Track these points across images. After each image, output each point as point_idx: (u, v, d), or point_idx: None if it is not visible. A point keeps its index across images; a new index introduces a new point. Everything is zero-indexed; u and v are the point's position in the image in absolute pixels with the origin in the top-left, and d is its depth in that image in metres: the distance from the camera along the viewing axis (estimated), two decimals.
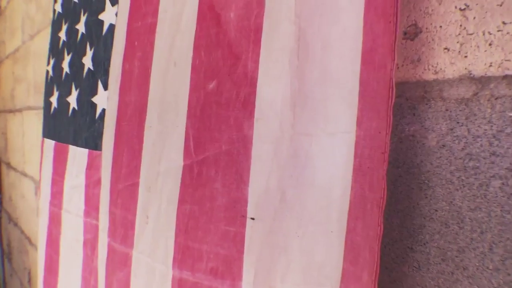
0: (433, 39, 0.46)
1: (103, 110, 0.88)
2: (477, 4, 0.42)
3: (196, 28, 0.57)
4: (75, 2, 1.06)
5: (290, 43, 0.47)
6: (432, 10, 0.46)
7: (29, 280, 2.20)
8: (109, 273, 0.76)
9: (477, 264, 0.42)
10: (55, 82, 1.14)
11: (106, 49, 0.89)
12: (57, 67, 1.14)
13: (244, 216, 0.50)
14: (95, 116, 0.91)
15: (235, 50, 0.51)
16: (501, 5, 0.40)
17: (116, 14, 0.86)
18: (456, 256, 0.44)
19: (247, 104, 0.50)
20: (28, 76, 2.03)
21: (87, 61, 0.96)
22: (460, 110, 0.43)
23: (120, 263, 0.72)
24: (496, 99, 0.41)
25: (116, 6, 0.87)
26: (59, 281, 1.05)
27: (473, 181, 0.42)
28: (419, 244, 0.48)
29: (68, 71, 1.06)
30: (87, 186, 0.92)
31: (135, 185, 0.68)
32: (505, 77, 0.40)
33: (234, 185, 0.51)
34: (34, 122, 1.93)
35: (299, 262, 0.47)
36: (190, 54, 0.57)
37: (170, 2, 0.63)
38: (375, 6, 0.43)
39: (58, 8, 1.19)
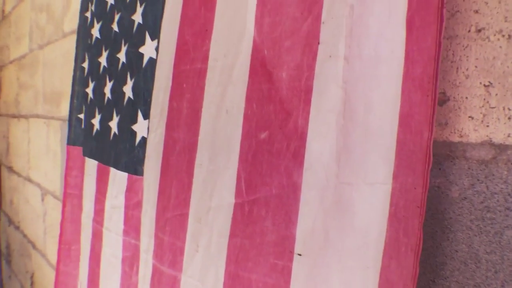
0: (459, 108, 0.59)
1: (143, 138, 1.02)
2: (499, 82, 0.55)
3: (248, 81, 0.70)
4: (115, 31, 1.19)
5: (337, 105, 0.60)
6: (459, 82, 0.59)
7: (32, 284, 2.34)
8: None
9: None
10: (97, 105, 1.27)
11: (146, 81, 1.02)
12: (98, 91, 1.27)
13: (291, 252, 0.64)
14: (134, 143, 1.05)
15: (286, 107, 0.64)
16: None
17: (156, 49, 0.99)
18: None
19: (297, 156, 0.63)
20: (36, 84, 2.17)
21: (128, 90, 1.09)
22: (481, 170, 0.56)
23: (167, 284, 0.85)
24: None
25: (156, 41, 1.00)
26: None
27: (490, 230, 0.55)
28: (440, 278, 0.61)
29: (110, 97, 1.19)
30: (126, 207, 1.06)
31: (185, 215, 0.81)
32: None
33: (283, 224, 0.64)
34: (42, 131, 2.07)
35: None
36: (243, 104, 0.70)
37: (221, 53, 0.76)
38: (413, 78, 0.56)
39: (96, 33, 1.32)
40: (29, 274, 2.51)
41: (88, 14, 1.50)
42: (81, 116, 1.50)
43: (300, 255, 0.63)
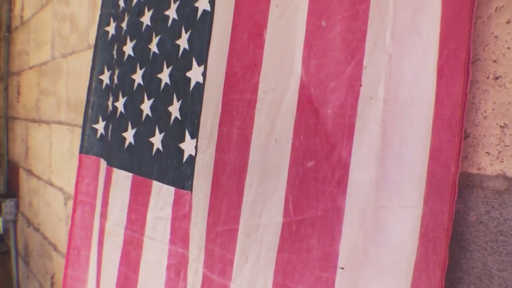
0: (478, 144, 0.73)
1: (190, 156, 1.17)
2: None
3: (296, 115, 0.85)
4: (155, 52, 1.35)
5: (377, 140, 0.75)
6: (478, 122, 0.73)
7: (52, 284, 2.52)
8: None
9: None
10: (129, 119, 1.43)
11: (193, 103, 1.17)
12: (132, 107, 1.42)
13: (335, 266, 0.79)
14: (182, 160, 1.20)
15: (331, 140, 0.80)
16: None
17: (203, 75, 1.14)
18: None
19: (341, 183, 0.78)
20: (59, 91, 2.33)
21: (174, 110, 1.24)
22: (495, 199, 0.71)
23: None
24: None
25: (202, 67, 1.16)
26: None
27: (502, 250, 0.70)
28: None
29: (149, 114, 1.35)
30: (173, 219, 1.22)
31: (234, 230, 0.97)
32: None
33: (327, 242, 0.80)
34: (66, 137, 2.24)
35: None
36: (291, 135, 0.86)
37: (269, 87, 0.92)
38: (442, 119, 0.71)
39: (129, 50, 1.47)
40: (49, 275, 2.71)
41: (110, 29, 1.66)
42: (97, 126, 1.66)
43: (342, 268, 0.78)
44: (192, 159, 1.18)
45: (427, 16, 0.72)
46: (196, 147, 1.16)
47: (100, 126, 1.63)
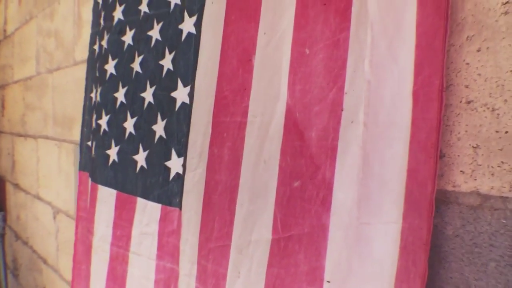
0: (452, 163, 0.79)
1: (177, 174, 1.22)
2: (485, 145, 0.76)
3: (283, 138, 0.91)
4: (138, 71, 1.39)
5: (358, 161, 0.81)
6: (453, 143, 0.79)
7: None
8: None
9: None
10: (113, 137, 1.47)
11: (179, 123, 1.22)
12: (115, 124, 1.47)
13: (322, 280, 0.84)
14: (168, 178, 1.25)
15: (316, 161, 0.85)
16: (501, 150, 0.74)
17: (189, 96, 1.19)
18: None
19: (325, 202, 0.84)
20: (45, 106, 2.37)
21: (159, 129, 1.29)
22: (470, 213, 0.77)
23: None
24: (495, 210, 0.75)
25: (188, 87, 1.20)
26: None
27: (477, 261, 0.76)
28: None
29: (133, 132, 1.39)
30: (160, 235, 1.26)
31: (227, 247, 1.02)
32: (501, 197, 0.74)
33: (314, 257, 0.85)
34: (53, 152, 2.27)
35: None
36: (278, 157, 0.91)
37: (258, 111, 0.97)
38: (419, 141, 0.77)
39: (111, 69, 1.52)
40: None
41: (96, 48, 1.70)
42: (90, 143, 1.70)
43: (329, 282, 0.84)
44: (179, 177, 1.22)
45: (402, 45, 0.78)
46: (184, 166, 1.20)
47: (91, 144, 1.67)
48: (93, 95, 1.67)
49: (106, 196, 1.48)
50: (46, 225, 2.58)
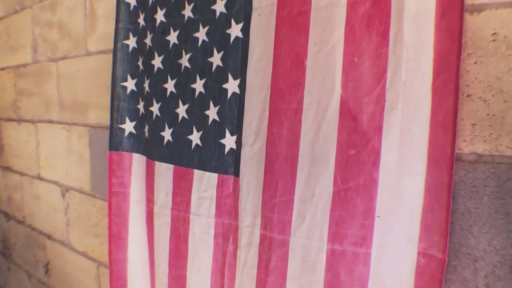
0: (458, 135, 1.26)
1: (231, 149, 1.63)
2: (479, 123, 1.23)
3: (339, 120, 1.33)
4: (187, 67, 1.77)
5: (397, 136, 1.26)
6: (458, 122, 1.26)
7: (47, 271, 2.88)
8: (263, 251, 1.53)
9: None
10: (166, 121, 1.84)
11: (231, 109, 1.62)
12: (167, 111, 1.84)
13: (373, 215, 1.29)
14: (224, 152, 1.66)
15: (367, 136, 1.29)
16: (490, 126, 1.22)
17: (240, 87, 1.60)
18: None
19: (375, 163, 1.28)
20: (46, 92, 2.66)
21: (212, 114, 1.68)
22: (470, 166, 1.24)
23: (278, 245, 1.48)
24: (486, 163, 1.22)
25: (238, 80, 1.61)
26: (188, 262, 1.80)
27: (475, 196, 1.21)
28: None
29: (185, 116, 1.77)
30: (218, 198, 1.68)
31: (290, 200, 1.44)
32: (490, 155, 1.22)
33: (367, 201, 1.30)
34: (61, 135, 2.58)
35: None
36: (336, 133, 1.34)
37: (314, 100, 1.39)
38: (437, 120, 1.23)
39: (158, 64, 1.88)
40: (41, 263, 3.04)
41: (130, 43, 2.05)
42: (124, 126, 2.06)
43: (378, 216, 1.29)
44: (233, 151, 1.63)
45: (425, 58, 1.21)
46: (237, 142, 1.61)
47: (127, 126, 2.03)
48: (127, 84, 2.02)
49: (164, 170, 1.86)
50: (51, 203, 2.87)
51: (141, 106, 1.98)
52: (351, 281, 1.34)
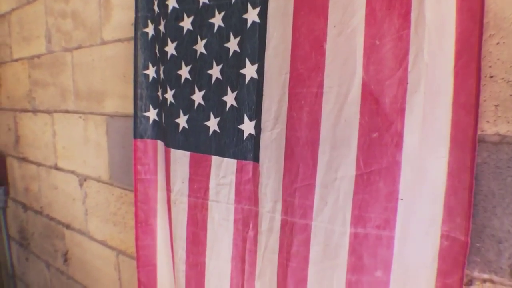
0: (481, 116, 1.26)
1: (250, 134, 1.64)
2: (503, 104, 1.23)
3: (361, 103, 1.34)
4: (202, 53, 1.78)
5: (419, 117, 1.26)
6: (481, 103, 1.26)
7: (66, 260, 2.93)
8: (284, 236, 1.55)
9: None
10: (181, 108, 1.86)
11: (249, 94, 1.63)
12: (182, 97, 1.85)
13: (397, 198, 1.30)
14: (242, 137, 1.67)
15: (389, 119, 1.30)
16: None
17: (258, 72, 1.60)
18: None
19: (398, 146, 1.29)
20: (62, 82, 2.69)
21: (229, 99, 1.69)
22: (493, 147, 1.24)
23: (299, 230, 1.50)
24: (509, 144, 1.23)
25: (256, 65, 1.61)
26: (207, 248, 1.82)
27: (499, 177, 1.21)
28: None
29: (202, 103, 1.78)
30: (238, 184, 1.69)
31: (311, 185, 1.45)
32: None
33: (391, 183, 1.30)
34: (77, 124, 2.62)
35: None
36: (358, 116, 1.34)
37: (335, 83, 1.39)
38: (459, 103, 1.23)
39: (171, 50, 1.89)
40: (59, 252, 3.10)
41: (150, 31, 2.06)
42: (148, 114, 2.08)
43: (402, 199, 1.30)
44: (252, 136, 1.64)
45: (447, 40, 1.21)
46: (256, 127, 1.62)
47: (151, 114, 2.05)
48: (148, 72, 2.03)
49: (180, 157, 1.87)
50: (69, 192, 2.91)
51: (160, 93, 2.00)
52: (375, 264, 1.35)
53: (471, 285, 1.28)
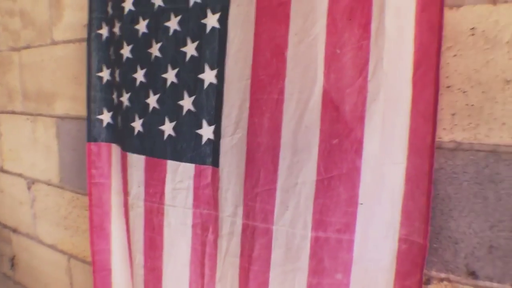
0: (438, 124, 1.29)
1: (208, 139, 1.62)
2: (458, 113, 1.26)
3: (322, 110, 1.34)
4: (157, 56, 1.73)
5: (379, 125, 1.28)
6: (438, 112, 1.29)
7: (13, 265, 2.80)
8: (246, 240, 1.53)
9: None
10: (136, 111, 1.81)
11: (208, 99, 1.61)
12: (137, 101, 1.80)
13: (356, 203, 1.31)
14: (201, 142, 1.64)
15: (349, 126, 1.31)
16: (469, 115, 1.25)
17: (217, 77, 1.58)
18: None
19: (358, 152, 1.30)
20: (9, 82, 2.58)
21: (186, 104, 1.65)
22: (449, 154, 1.27)
23: (260, 233, 1.48)
24: (465, 151, 1.26)
25: (215, 71, 1.59)
26: (164, 253, 1.77)
27: (455, 182, 1.25)
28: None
29: (156, 106, 1.74)
30: (196, 188, 1.66)
31: (273, 189, 1.44)
32: (469, 143, 1.25)
33: (351, 189, 1.31)
34: (25, 126, 2.51)
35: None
36: (318, 123, 1.35)
37: (295, 90, 1.39)
38: (418, 110, 1.25)
39: (127, 53, 1.83)
40: (6, 257, 2.95)
41: (103, 32, 1.99)
42: (102, 117, 2.01)
43: (361, 204, 1.31)
44: (211, 141, 1.62)
45: (406, 50, 1.24)
46: (215, 132, 1.60)
47: (105, 117, 1.97)
48: (102, 74, 1.96)
49: (135, 161, 1.82)
50: (16, 195, 2.78)
51: (115, 96, 1.93)
52: (335, 267, 1.36)
53: (429, 284, 1.31)
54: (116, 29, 1.89)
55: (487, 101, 1.19)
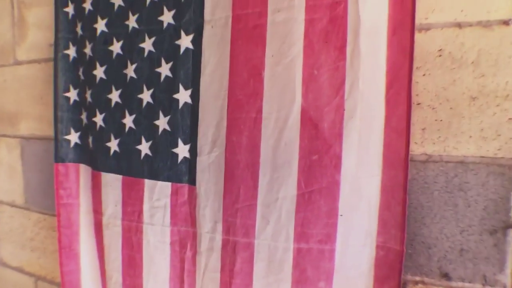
0: (410, 139, 1.37)
1: (184, 157, 1.64)
2: (428, 127, 1.34)
3: (301, 128, 1.39)
4: (132, 77, 1.74)
5: (355, 141, 1.34)
6: (410, 127, 1.37)
7: None
8: (226, 255, 1.55)
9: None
10: (111, 131, 1.80)
11: (183, 118, 1.63)
12: (112, 121, 1.80)
13: (337, 214, 1.37)
14: (177, 161, 1.66)
15: (328, 142, 1.36)
16: (438, 130, 1.33)
17: (192, 97, 1.61)
18: None
19: (337, 167, 1.36)
20: None
21: (162, 124, 1.67)
22: (421, 165, 1.35)
23: (242, 248, 1.51)
24: (435, 162, 1.34)
25: (189, 91, 1.62)
26: (144, 270, 1.77)
27: (427, 191, 1.33)
28: None
29: (132, 126, 1.74)
30: (173, 206, 1.67)
31: (253, 205, 1.48)
32: (439, 155, 1.33)
33: (331, 201, 1.37)
34: None
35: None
36: (298, 140, 1.40)
37: (274, 109, 1.43)
38: (391, 126, 1.32)
39: (100, 74, 1.83)
40: None
41: (71, 52, 1.98)
42: (69, 137, 1.99)
43: (341, 215, 1.37)
44: (187, 160, 1.64)
45: (378, 71, 1.30)
46: (190, 151, 1.62)
47: (73, 137, 1.95)
48: (69, 94, 1.95)
49: (111, 181, 1.81)
50: None
51: (84, 116, 1.91)
52: (318, 276, 1.41)
53: None
54: (87, 50, 1.88)
55: (454, 116, 1.27)
